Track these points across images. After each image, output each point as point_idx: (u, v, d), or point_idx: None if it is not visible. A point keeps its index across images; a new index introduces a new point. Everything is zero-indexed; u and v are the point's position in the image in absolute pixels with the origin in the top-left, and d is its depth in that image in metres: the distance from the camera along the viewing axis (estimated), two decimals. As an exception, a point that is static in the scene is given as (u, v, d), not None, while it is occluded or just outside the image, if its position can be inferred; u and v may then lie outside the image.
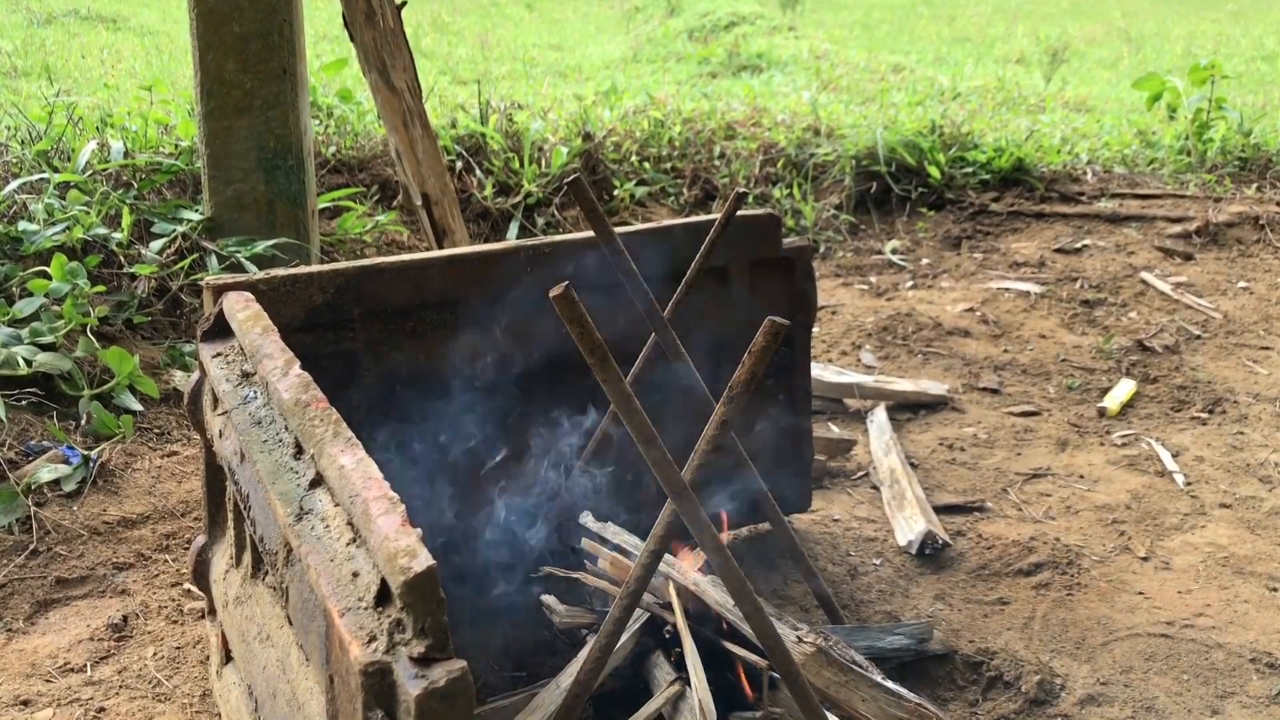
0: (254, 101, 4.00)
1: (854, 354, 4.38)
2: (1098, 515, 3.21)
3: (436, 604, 1.27)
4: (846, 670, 2.06)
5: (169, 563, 2.80)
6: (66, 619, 2.59)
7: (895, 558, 2.98)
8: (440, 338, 2.43)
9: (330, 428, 1.59)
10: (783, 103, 7.38)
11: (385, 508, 1.38)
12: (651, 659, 2.16)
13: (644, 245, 2.51)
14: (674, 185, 5.94)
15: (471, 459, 2.51)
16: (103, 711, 2.26)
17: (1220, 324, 4.69)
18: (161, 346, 3.74)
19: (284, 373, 1.78)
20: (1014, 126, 7.03)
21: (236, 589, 2.08)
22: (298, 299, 2.28)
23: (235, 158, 4.04)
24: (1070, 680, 2.49)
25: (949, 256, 5.60)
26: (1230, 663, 2.56)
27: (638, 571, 1.70)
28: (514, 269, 2.45)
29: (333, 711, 1.42)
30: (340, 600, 1.36)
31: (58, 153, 4.36)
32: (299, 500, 1.57)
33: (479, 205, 5.38)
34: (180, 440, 3.33)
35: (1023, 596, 2.82)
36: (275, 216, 4.13)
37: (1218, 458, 3.57)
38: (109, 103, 5.55)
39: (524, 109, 6.23)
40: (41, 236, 3.66)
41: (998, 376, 4.19)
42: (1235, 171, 6.62)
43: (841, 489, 3.37)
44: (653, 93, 7.23)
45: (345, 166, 5.35)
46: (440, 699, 1.22)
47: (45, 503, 2.94)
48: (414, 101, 4.48)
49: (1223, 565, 2.97)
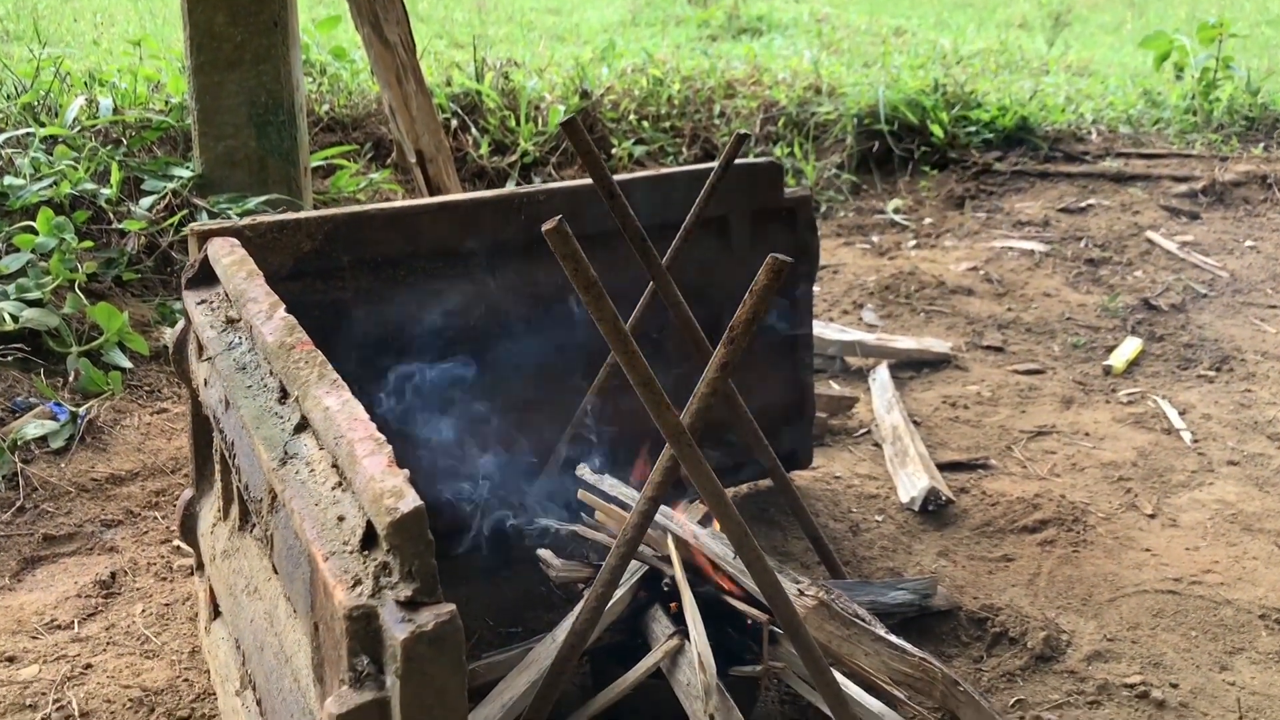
0: (244, 55, 3.92)
1: (856, 313, 4.32)
2: (1104, 472, 3.16)
3: (424, 546, 1.21)
4: (849, 624, 2.02)
5: (158, 520, 2.75)
6: (54, 576, 2.54)
7: (898, 514, 2.93)
8: (432, 287, 2.37)
9: (315, 370, 1.53)
10: (784, 63, 7.27)
11: (371, 449, 1.33)
12: (650, 613, 2.11)
13: (642, 192, 2.45)
14: (673, 144, 5.85)
15: (464, 412, 2.45)
16: (89, 668, 2.21)
17: (1227, 283, 4.63)
18: (151, 303, 3.67)
19: (268, 316, 1.72)
20: (1017, 88, 6.93)
21: (224, 542, 2.03)
22: (285, 246, 2.22)
23: (226, 113, 3.97)
24: (1077, 636, 2.44)
25: (952, 216, 5.53)
26: (1239, 619, 2.52)
27: (635, 519, 1.65)
28: (507, 216, 2.39)
29: (318, 660, 1.37)
30: (325, 544, 1.31)
31: (44, 108, 4.28)
32: (283, 445, 1.52)
33: (475, 164, 5.30)
34: (170, 398, 3.27)
35: (1028, 553, 2.77)
36: (267, 173, 4.06)
37: (1225, 415, 3.52)
38: (100, 63, 5.46)
39: (520, 67, 6.14)
40: (28, 191, 3.59)
41: (1002, 335, 4.13)
42: (1242, 131, 6.53)
43: (843, 446, 3.31)
44: (651, 52, 7.13)
45: (339, 125, 5.27)
46: (428, 643, 1.17)
47: (32, 460, 2.88)
48: (408, 56, 4.40)
49: (1231, 522, 2.92)
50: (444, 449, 2.26)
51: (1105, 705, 2.24)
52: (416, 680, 1.17)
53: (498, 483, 2.38)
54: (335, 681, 1.28)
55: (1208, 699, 2.27)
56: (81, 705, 2.10)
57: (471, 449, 2.37)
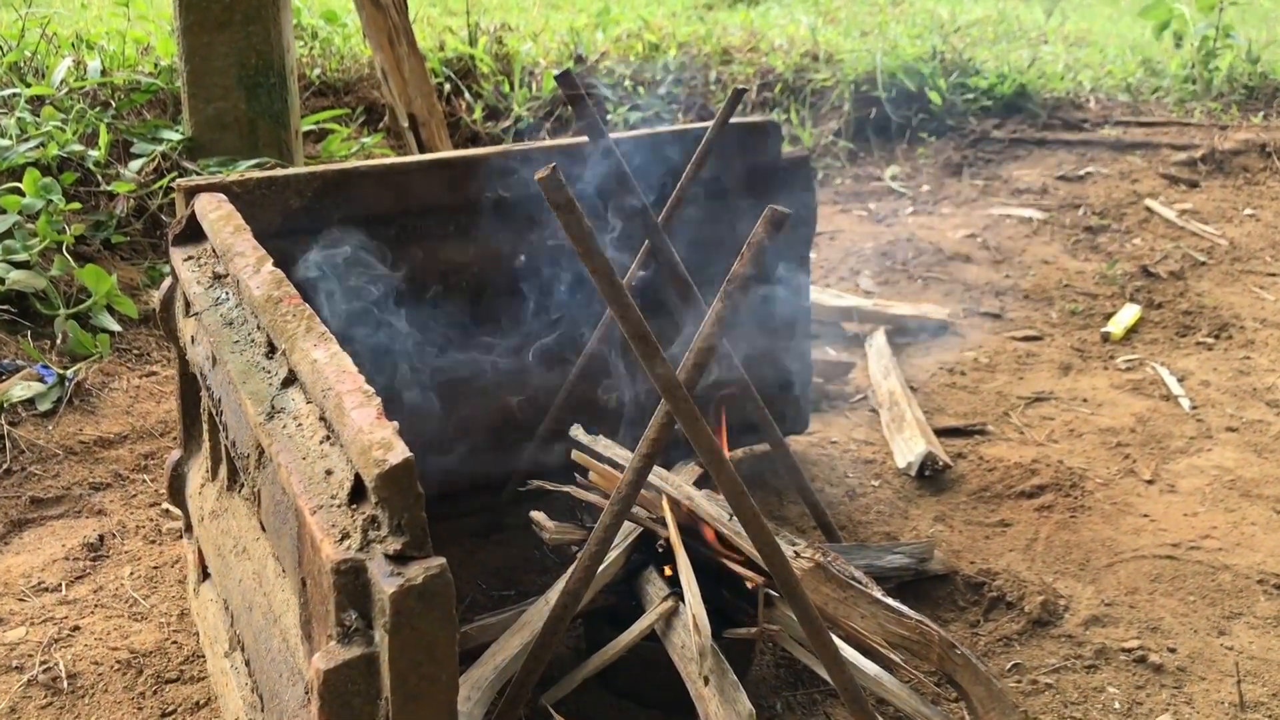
0: (234, 16, 3.86)
1: (852, 279, 4.29)
2: (1101, 438, 3.14)
3: (414, 499, 1.18)
4: (845, 586, 1.99)
5: (147, 483, 2.71)
6: (41, 539, 2.51)
7: (894, 480, 2.91)
8: (422, 245, 2.33)
9: (303, 323, 1.50)
10: (780, 31, 7.20)
11: (359, 400, 1.29)
12: (644, 575, 2.09)
13: (637, 151, 2.41)
14: (669, 111, 5.79)
15: (454, 373, 2.42)
16: (77, 630, 2.19)
17: (1226, 250, 4.60)
18: (141, 267, 3.63)
19: (256, 269, 1.68)
20: (1015, 56, 6.87)
21: (212, 503, 2.00)
22: (274, 203, 2.18)
23: (215, 75, 3.91)
24: (1074, 601, 2.42)
25: (950, 183, 5.48)
26: (1237, 584, 2.50)
27: (629, 476, 1.62)
28: (499, 174, 2.34)
29: (305, 616, 1.34)
30: (312, 499, 1.28)
31: (31, 69, 4.22)
32: (270, 399, 1.48)
33: (468, 129, 5.25)
34: (160, 361, 3.24)
35: (1025, 518, 2.75)
36: (257, 136, 4.00)
37: (1224, 382, 3.49)
38: (88, 27, 5.38)
39: (514, 32, 6.07)
40: (14, 152, 3.53)
41: (999, 302, 4.10)
42: (1242, 100, 6.48)
43: (839, 412, 3.29)
44: (647, 18, 7.06)
45: (330, 89, 5.21)
46: (417, 597, 1.14)
47: (19, 422, 2.84)
48: (400, 18, 4.34)
49: (1229, 488, 2.90)
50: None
51: (1103, 669, 2.22)
52: (405, 634, 1.14)
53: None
54: (323, 638, 1.25)
55: (1205, 663, 2.25)
56: (69, 667, 2.08)
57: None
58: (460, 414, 2.41)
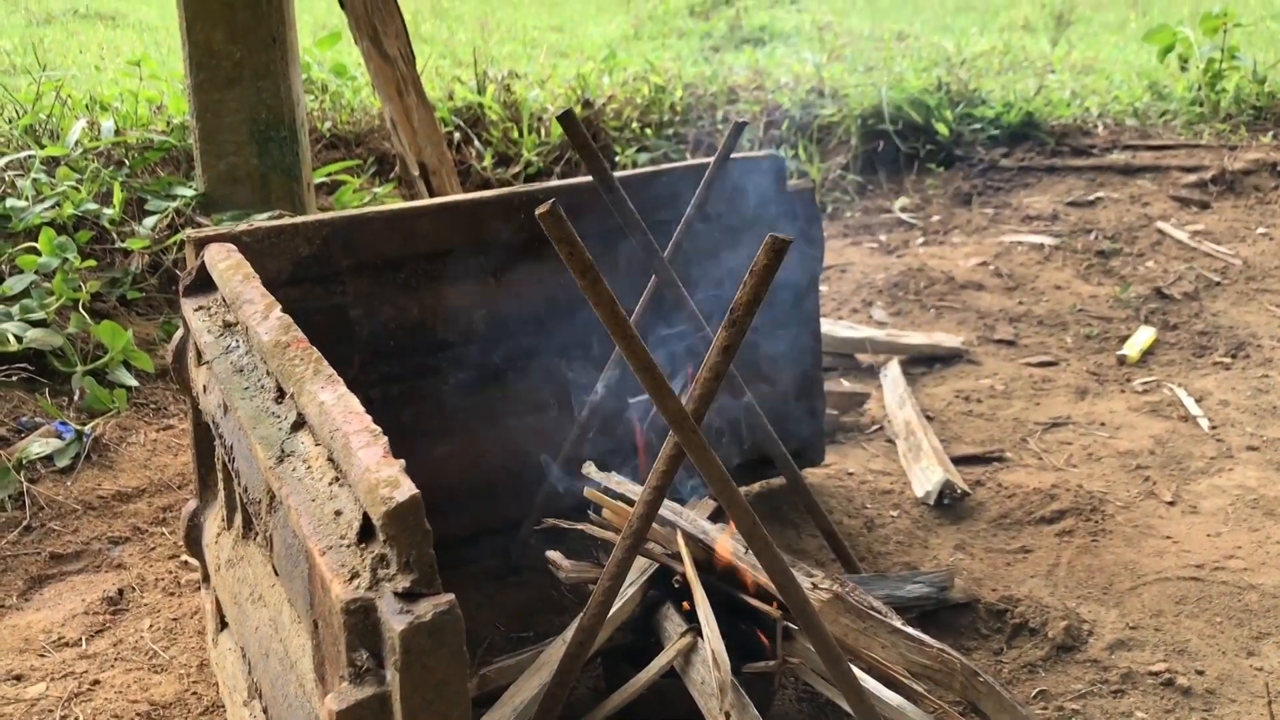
0: (244, 72, 3.91)
1: (865, 311, 4.28)
2: (1121, 461, 3.11)
3: (421, 536, 1.18)
4: (864, 616, 1.97)
5: (165, 536, 2.72)
6: (61, 594, 2.52)
7: (913, 509, 2.89)
8: (432, 289, 2.35)
9: (310, 366, 1.51)
10: (786, 69, 7.25)
11: (366, 440, 1.30)
12: (662, 611, 2.07)
13: (643, 189, 2.42)
14: (677, 151, 5.83)
15: (470, 415, 2.43)
16: (97, 684, 2.19)
17: (1240, 270, 4.58)
18: (156, 321, 3.66)
19: (264, 316, 1.70)
20: (1022, 85, 6.89)
21: (229, 551, 2.01)
22: (283, 251, 2.20)
23: (227, 131, 3.96)
24: (1098, 626, 2.40)
25: (960, 213, 5.49)
26: (1264, 604, 2.47)
27: (640, 509, 1.61)
28: (506, 216, 2.36)
29: (319, 659, 1.34)
30: (322, 539, 1.28)
31: (46, 131, 4.28)
32: (280, 443, 1.49)
33: (478, 176, 5.29)
34: (176, 414, 3.25)
35: (1046, 544, 2.72)
36: (270, 190, 4.05)
37: (1242, 401, 3.46)
38: (101, 88, 5.46)
39: (521, 79, 6.13)
40: (30, 213, 3.58)
41: (1013, 328, 4.09)
42: (1250, 120, 6.47)
43: (855, 443, 3.27)
44: (654, 61, 7.12)
45: (341, 141, 5.26)
46: (427, 634, 1.14)
47: (38, 479, 2.86)
48: (408, 69, 4.39)
49: (1252, 507, 2.87)
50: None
51: (1130, 694, 2.19)
52: (416, 672, 1.14)
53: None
54: (335, 679, 1.25)
55: (1235, 685, 2.22)
56: (89, 721, 2.08)
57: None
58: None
